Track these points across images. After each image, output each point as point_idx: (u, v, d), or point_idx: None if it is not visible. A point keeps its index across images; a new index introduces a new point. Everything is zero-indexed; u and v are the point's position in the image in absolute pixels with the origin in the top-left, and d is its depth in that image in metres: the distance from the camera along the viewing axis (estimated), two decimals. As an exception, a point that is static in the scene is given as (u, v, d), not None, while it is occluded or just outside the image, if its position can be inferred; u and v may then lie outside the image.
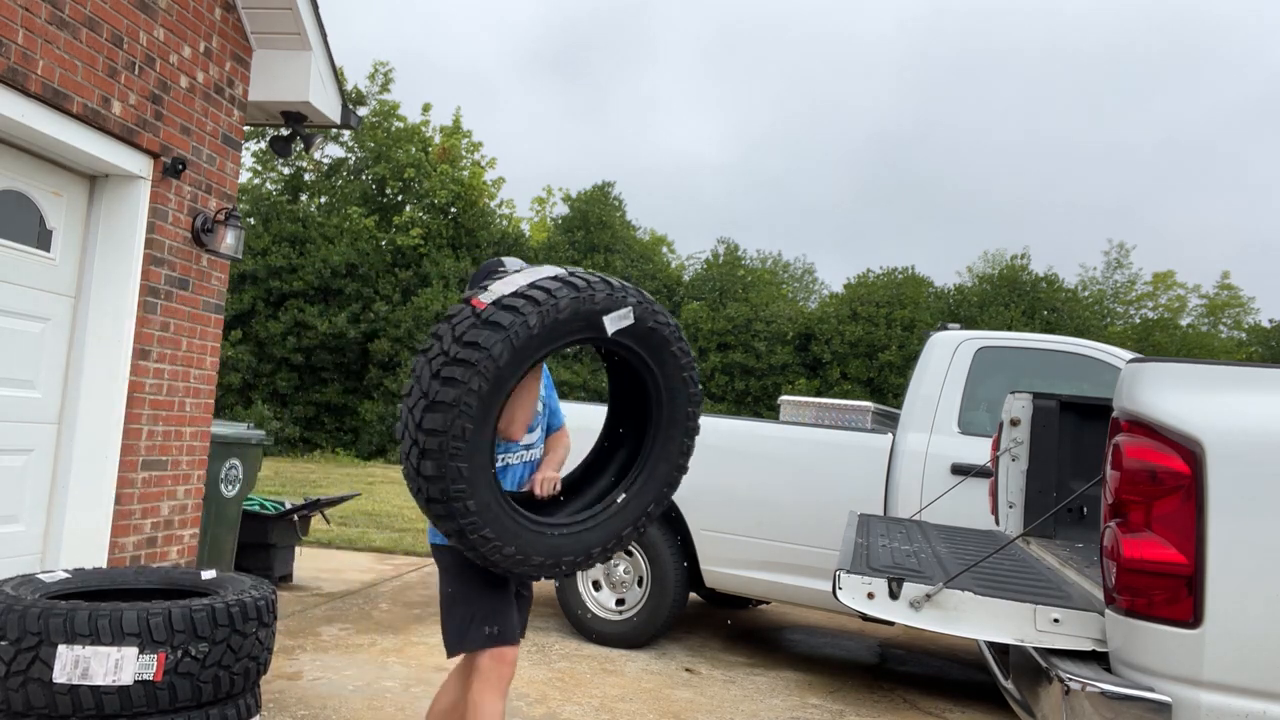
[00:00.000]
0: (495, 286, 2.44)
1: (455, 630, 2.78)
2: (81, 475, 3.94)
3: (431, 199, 21.41)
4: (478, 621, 2.75)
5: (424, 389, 2.31)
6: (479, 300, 2.41)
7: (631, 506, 2.84)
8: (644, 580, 5.47)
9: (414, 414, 2.31)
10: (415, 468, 2.34)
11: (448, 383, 2.28)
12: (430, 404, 2.28)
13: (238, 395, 19.42)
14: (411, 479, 2.39)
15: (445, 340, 2.34)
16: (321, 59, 4.93)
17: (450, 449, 2.28)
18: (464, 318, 2.36)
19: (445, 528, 2.43)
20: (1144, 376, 1.99)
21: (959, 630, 2.20)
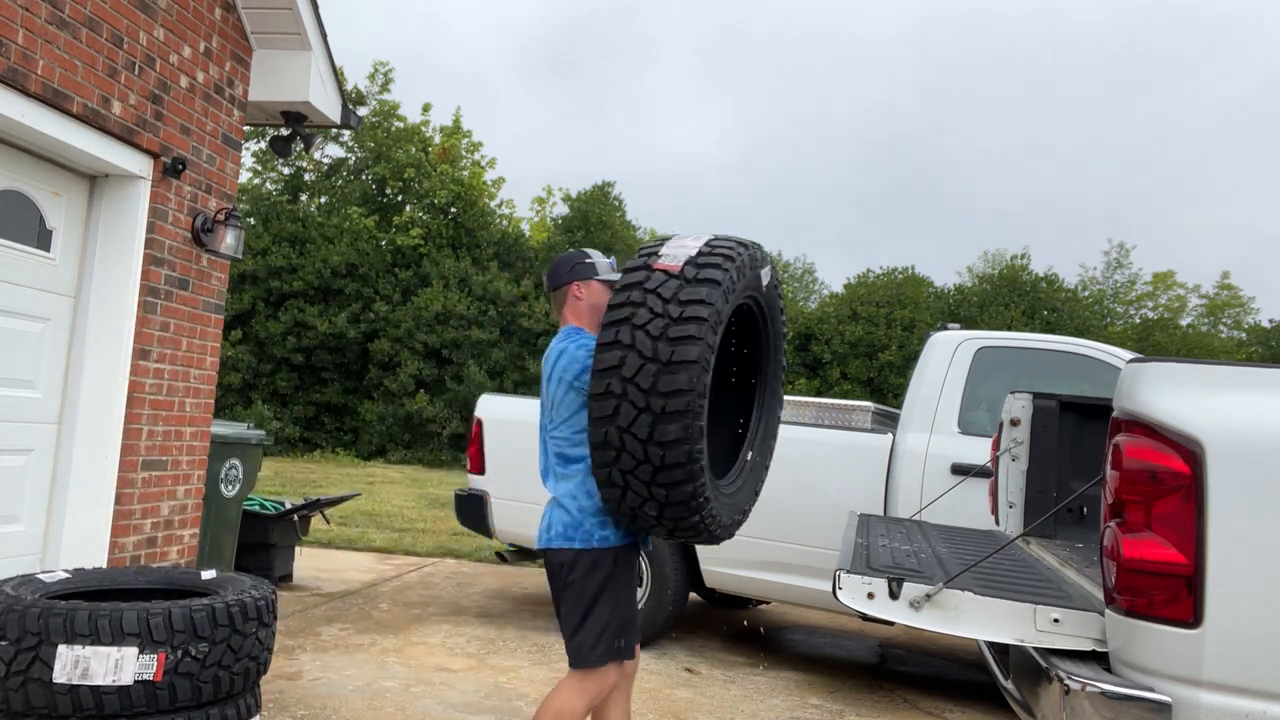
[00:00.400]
0: (671, 252, 2.45)
1: (587, 640, 2.67)
2: (81, 475, 3.94)
3: (431, 199, 21.41)
4: (609, 633, 2.68)
5: (651, 353, 2.29)
6: (666, 265, 2.40)
7: (757, 465, 2.83)
8: (644, 580, 5.47)
9: (641, 380, 2.28)
10: (649, 435, 2.30)
11: (683, 341, 2.27)
12: (666, 365, 2.27)
13: (238, 395, 19.42)
14: (636, 453, 2.33)
15: (656, 304, 2.34)
16: (321, 59, 4.93)
17: (695, 407, 2.27)
18: (665, 281, 2.36)
19: (676, 496, 2.37)
20: (1144, 376, 1.99)
21: (959, 630, 2.20)
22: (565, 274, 2.89)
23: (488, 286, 20.05)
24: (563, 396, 2.73)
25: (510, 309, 20.14)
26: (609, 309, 2.45)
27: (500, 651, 5.12)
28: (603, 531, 2.69)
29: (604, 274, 2.89)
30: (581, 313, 2.88)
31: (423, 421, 19.21)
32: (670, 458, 2.30)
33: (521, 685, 4.50)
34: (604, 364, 2.37)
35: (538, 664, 4.92)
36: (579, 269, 2.88)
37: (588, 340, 2.74)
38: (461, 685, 4.43)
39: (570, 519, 2.71)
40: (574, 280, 2.87)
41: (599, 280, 2.88)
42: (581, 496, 2.71)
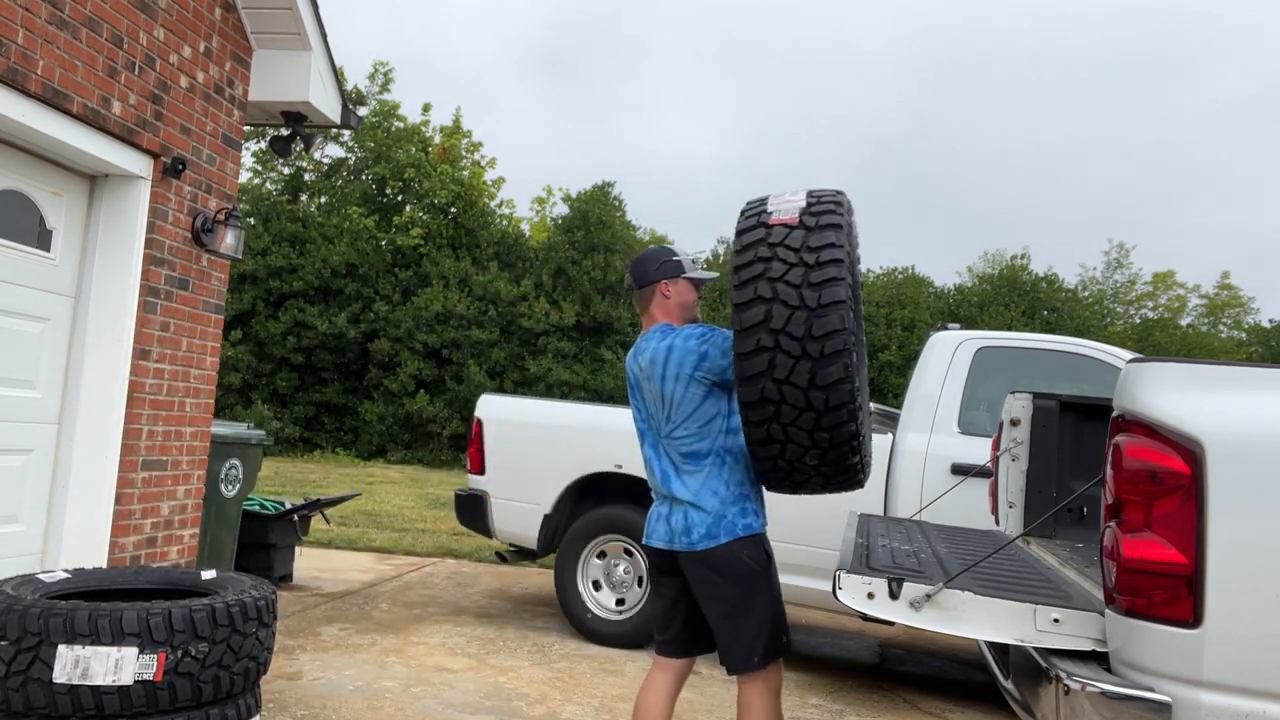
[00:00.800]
0: (779, 207, 2.49)
1: (750, 639, 2.64)
2: (81, 475, 3.94)
3: (431, 199, 21.41)
4: (777, 628, 2.65)
5: (798, 301, 2.33)
6: (782, 219, 2.44)
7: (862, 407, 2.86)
8: (644, 580, 5.47)
9: (793, 328, 2.32)
10: (809, 381, 2.33)
11: (828, 284, 2.31)
12: (816, 310, 2.31)
13: (238, 395, 19.42)
14: (797, 402, 2.36)
15: (788, 255, 2.37)
16: (321, 59, 4.93)
17: (850, 344, 2.32)
18: (789, 234, 2.40)
19: (839, 437, 2.40)
20: (1144, 377, 1.99)
21: (959, 630, 2.20)
22: (653, 272, 2.87)
23: (488, 286, 20.05)
24: (684, 392, 2.69)
25: (510, 309, 20.14)
26: (736, 270, 2.44)
27: (500, 651, 5.12)
28: (745, 520, 2.68)
29: (691, 271, 2.88)
30: (671, 310, 2.86)
31: (423, 421, 19.21)
32: (834, 399, 2.34)
33: (521, 685, 4.50)
34: (749, 321, 2.38)
35: (538, 664, 4.92)
36: (666, 266, 2.86)
37: (691, 330, 2.72)
38: (461, 685, 4.43)
39: (710, 516, 2.67)
40: (662, 278, 2.86)
41: (686, 278, 2.87)
42: (720, 488, 2.69)
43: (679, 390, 2.70)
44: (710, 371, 2.66)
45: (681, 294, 2.86)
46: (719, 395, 2.70)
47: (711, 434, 2.69)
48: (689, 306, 2.88)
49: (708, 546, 2.66)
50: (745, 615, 2.65)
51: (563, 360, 20.07)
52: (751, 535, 2.67)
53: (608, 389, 19.40)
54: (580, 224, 21.47)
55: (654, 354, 2.76)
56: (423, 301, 19.50)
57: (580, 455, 5.63)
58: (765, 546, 2.71)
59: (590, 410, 5.85)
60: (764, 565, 2.68)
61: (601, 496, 5.80)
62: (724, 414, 2.72)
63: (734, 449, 2.72)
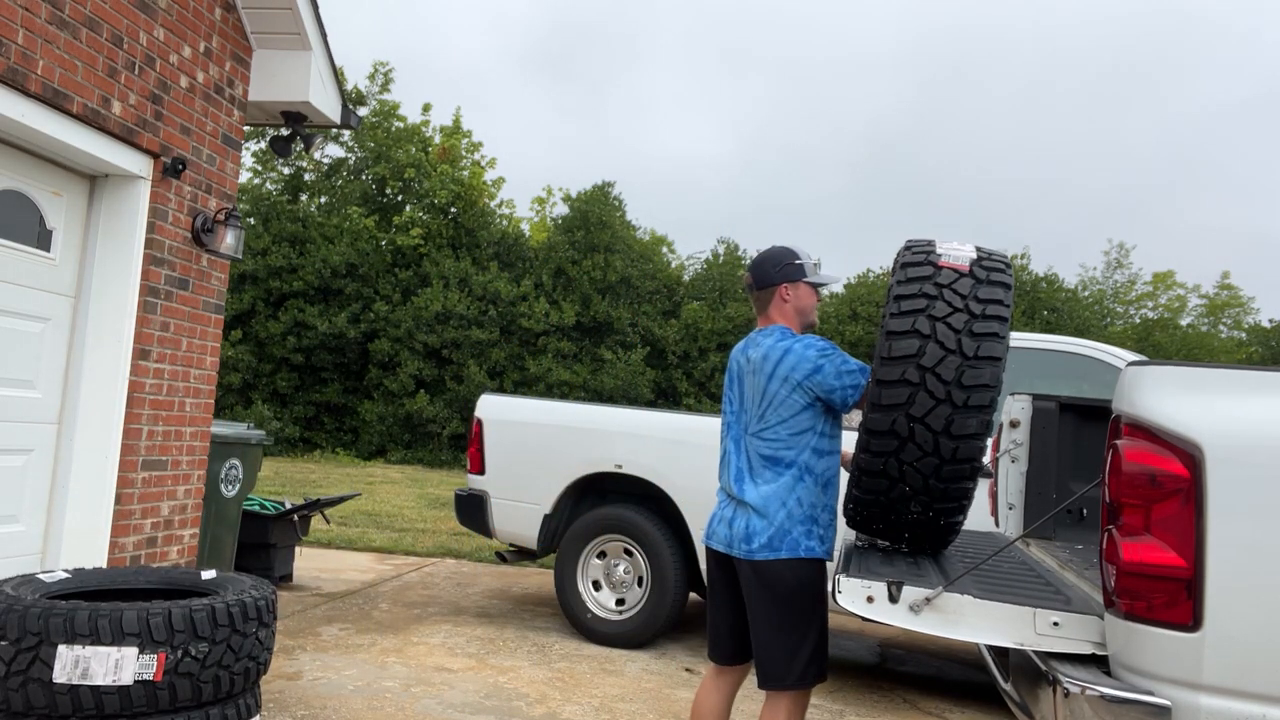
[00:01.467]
0: (950, 252, 2.50)
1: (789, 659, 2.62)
2: (81, 475, 3.94)
3: (431, 199, 21.40)
4: (820, 653, 2.64)
5: (955, 346, 2.33)
6: (953, 264, 2.45)
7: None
8: (644, 580, 5.47)
9: (943, 371, 2.33)
10: (944, 427, 2.33)
11: (989, 338, 2.33)
12: (971, 360, 2.31)
13: (238, 395, 19.42)
14: (925, 444, 2.35)
15: (955, 299, 2.38)
16: (321, 59, 4.93)
17: (993, 404, 2.32)
18: (958, 279, 2.41)
19: (954, 491, 2.40)
20: (1143, 379, 1.99)
21: (958, 634, 2.20)
22: (774, 274, 2.84)
23: (488, 286, 20.04)
24: (787, 395, 2.67)
25: (510, 309, 20.13)
26: (898, 299, 2.44)
27: (500, 651, 5.12)
28: (809, 542, 2.66)
29: (812, 276, 2.85)
30: (789, 314, 2.84)
31: (423, 421, 19.20)
32: (963, 451, 2.34)
33: (521, 685, 4.50)
34: (899, 351, 2.38)
35: (538, 664, 4.92)
36: (788, 270, 2.83)
37: (814, 341, 2.70)
38: (461, 685, 4.43)
39: (773, 527, 2.66)
40: (783, 281, 2.83)
41: (807, 283, 2.84)
42: (790, 502, 2.67)
43: (783, 392, 2.68)
44: (819, 387, 2.64)
45: (801, 298, 2.83)
46: (818, 411, 2.69)
47: (798, 446, 2.68)
48: (807, 311, 2.85)
49: (766, 558, 2.65)
50: (789, 633, 2.63)
51: (563, 360, 20.06)
52: (813, 559, 2.65)
53: (608, 389, 19.40)
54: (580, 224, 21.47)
55: (769, 350, 2.74)
56: (423, 301, 19.50)
57: (580, 455, 5.63)
58: (825, 572, 2.68)
59: (590, 410, 5.85)
60: (819, 590, 2.65)
61: (601, 496, 5.80)
62: (817, 431, 2.69)
63: (816, 469, 2.69)
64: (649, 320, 20.97)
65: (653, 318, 21.10)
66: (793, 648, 2.63)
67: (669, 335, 20.75)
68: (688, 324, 20.90)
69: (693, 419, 5.55)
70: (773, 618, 2.65)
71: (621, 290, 21.09)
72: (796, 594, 2.62)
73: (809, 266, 2.85)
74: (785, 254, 2.86)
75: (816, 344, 2.69)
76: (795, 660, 2.62)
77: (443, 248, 20.97)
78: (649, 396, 19.89)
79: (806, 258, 2.86)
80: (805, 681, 2.63)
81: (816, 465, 2.70)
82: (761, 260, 2.89)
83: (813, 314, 2.88)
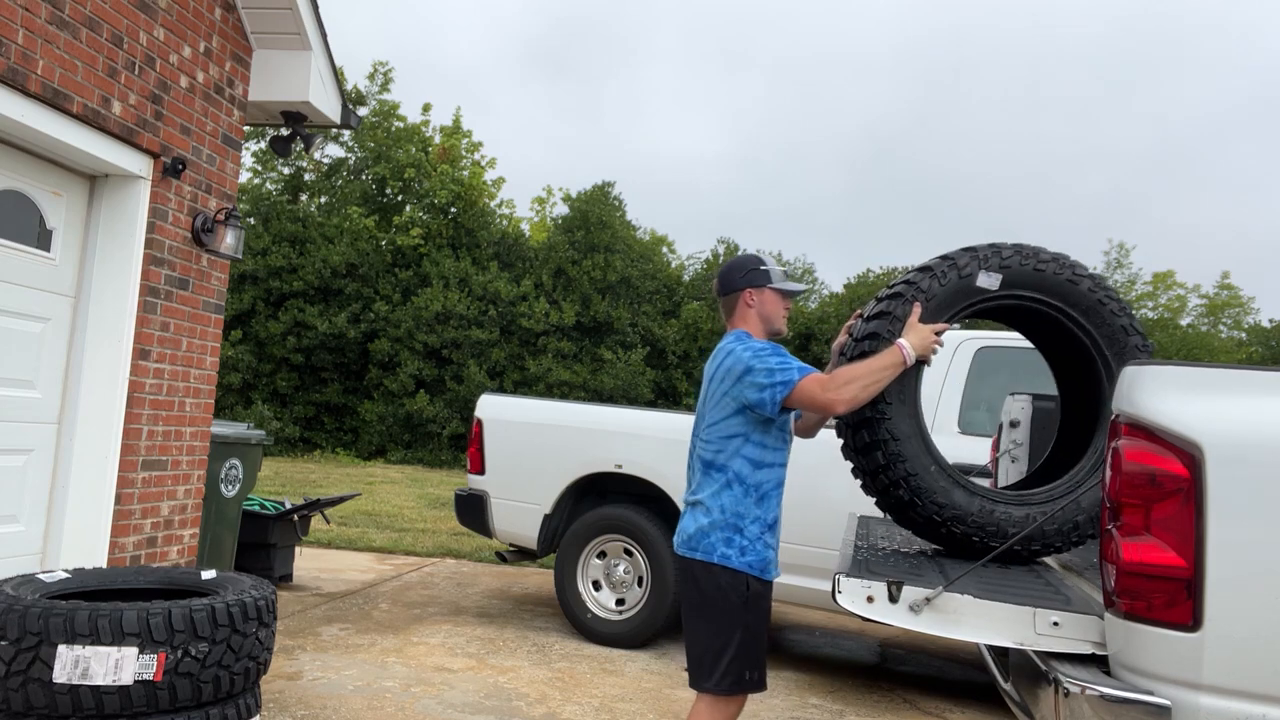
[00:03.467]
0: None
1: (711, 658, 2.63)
2: (81, 475, 3.94)
3: (431, 199, 21.40)
4: (744, 663, 2.63)
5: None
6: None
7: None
8: (644, 580, 5.47)
9: None
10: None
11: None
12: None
13: (238, 395, 19.42)
14: None
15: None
16: (321, 59, 4.93)
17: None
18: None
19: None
20: (1143, 380, 1.99)
21: (958, 634, 2.20)
22: (738, 280, 2.85)
23: (488, 286, 20.04)
24: (720, 398, 2.69)
25: (510, 309, 20.13)
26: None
27: (500, 651, 5.12)
28: (725, 549, 2.65)
29: (778, 282, 2.85)
30: (752, 320, 2.84)
31: (423, 421, 19.20)
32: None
33: (521, 685, 4.50)
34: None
35: (538, 664, 4.92)
36: (753, 275, 2.84)
37: (758, 345, 2.69)
38: (461, 685, 4.43)
39: (697, 528, 2.70)
40: (746, 287, 2.83)
41: (772, 289, 2.84)
42: (715, 509, 2.68)
43: (717, 394, 2.71)
44: (746, 387, 2.63)
45: (765, 304, 2.83)
46: (747, 418, 2.67)
47: (729, 450, 2.68)
48: (772, 318, 2.85)
49: (684, 554, 2.72)
50: (705, 634, 2.65)
51: (563, 360, 20.06)
52: (727, 567, 2.64)
53: (608, 389, 19.40)
54: (580, 224, 21.46)
55: (717, 351, 2.78)
56: (423, 301, 19.49)
57: (580, 455, 5.63)
58: (749, 585, 2.64)
59: (590, 410, 5.85)
60: (739, 600, 2.63)
61: (601, 496, 5.80)
62: (748, 439, 2.68)
63: (747, 479, 2.68)
64: (649, 320, 20.97)
65: (653, 318, 21.10)
66: (707, 649, 2.64)
67: (669, 335, 20.75)
68: (688, 324, 20.90)
69: (693, 419, 5.55)
70: (691, 615, 2.69)
71: (621, 290, 21.09)
72: (712, 598, 2.64)
73: (775, 273, 2.85)
74: (750, 260, 2.88)
75: (756, 346, 2.67)
76: (717, 661, 2.62)
77: (443, 248, 20.97)
78: (649, 396, 19.90)
79: (772, 265, 2.87)
80: (721, 687, 2.61)
81: (749, 475, 2.68)
82: (727, 267, 2.91)
83: (779, 321, 2.87)
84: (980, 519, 2.66)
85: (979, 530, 2.66)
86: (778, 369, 2.59)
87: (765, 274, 2.84)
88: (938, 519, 2.67)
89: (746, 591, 2.63)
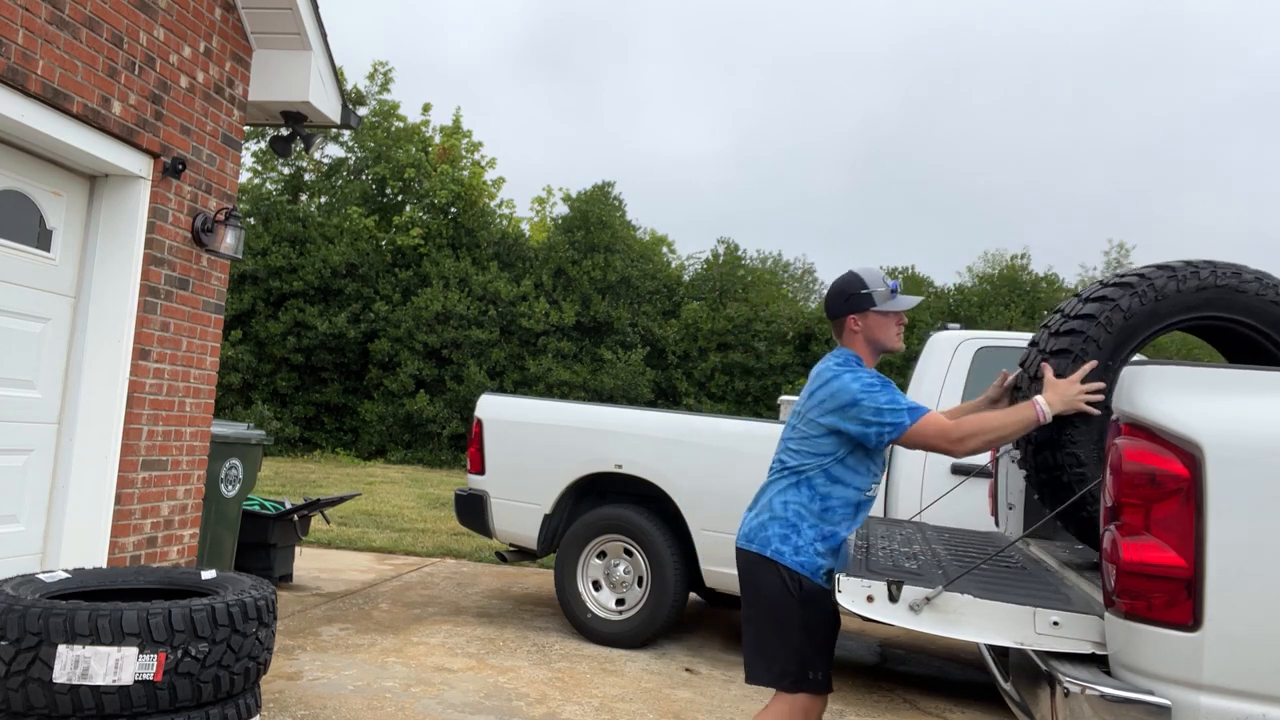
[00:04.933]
0: None
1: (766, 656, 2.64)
2: (81, 475, 3.94)
3: (431, 199, 21.40)
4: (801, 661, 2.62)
5: None
6: None
7: None
8: (644, 580, 5.47)
9: None
10: None
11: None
12: None
13: (238, 395, 19.41)
14: None
15: None
16: (321, 59, 4.93)
17: None
18: None
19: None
20: (1143, 379, 1.99)
21: (958, 634, 2.20)
22: (841, 306, 2.81)
23: (488, 286, 20.04)
24: (817, 417, 2.68)
25: (510, 309, 20.13)
26: None
27: (500, 651, 5.12)
28: (779, 545, 2.66)
29: (882, 304, 2.77)
30: (859, 343, 2.80)
31: (423, 421, 19.20)
32: None
33: (521, 685, 4.50)
34: None
35: (538, 664, 4.92)
36: (855, 300, 2.78)
37: (865, 375, 2.65)
38: (461, 685, 4.43)
39: (758, 522, 2.72)
40: (849, 313, 2.79)
41: (876, 311, 2.78)
42: (777, 504, 2.70)
43: (814, 412, 2.70)
44: (851, 420, 2.60)
45: (871, 328, 2.78)
46: (841, 441, 2.66)
47: (813, 462, 2.68)
48: (880, 340, 2.80)
49: (742, 546, 2.73)
50: (760, 629, 2.66)
51: (563, 360, 20.05)
52: (779, 563, 2.64)
53: (608, 389, 19.40)
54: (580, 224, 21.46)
55: (822, 369, 2.74)
56: (423, 301, 19.49)
57: (580, 455, 5.63)
58: (801, 584, 2.63)
59: (590, 410, 5.85)
60: (796, 596, 2.63)
61: (602, 496, 5.80)
62: (836, 459, 2.68)
63: (819, 487, 2.68)
64: (649, 320, 20.96)
65: (653, 318, 21.10)
66: (762, 645, 2.65)
67: (669, 335, 20.75)
68: (688, 324, 20.89)
69: (693, 419, 5.55)
70: (747, 610, 2.71)
71: (621, 290, 21.08)
72: (767, 593, 2.65)
73: (877, 294, 2.77)
74: (852, 283, 2.80)
75: (865, 379, 2.63)
76: (766, 658, 2.64)
77: (443, 248, 20.96)
78: (649, 396, 19.89)
79: (876, 284, 2.78)
80: (782, 684, 2.62)
81: (821, 485, 2.68)
82: (831, 291, 2.86)
83: (891, 341, 2.80)
84: None
85: None
86: (887, 408, 2.56)
87: (868, 297, 2.77)
88: None
89: (800, 589, 2.63)
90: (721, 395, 20.39)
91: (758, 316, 20.70)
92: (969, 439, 2.52)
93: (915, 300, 2.85)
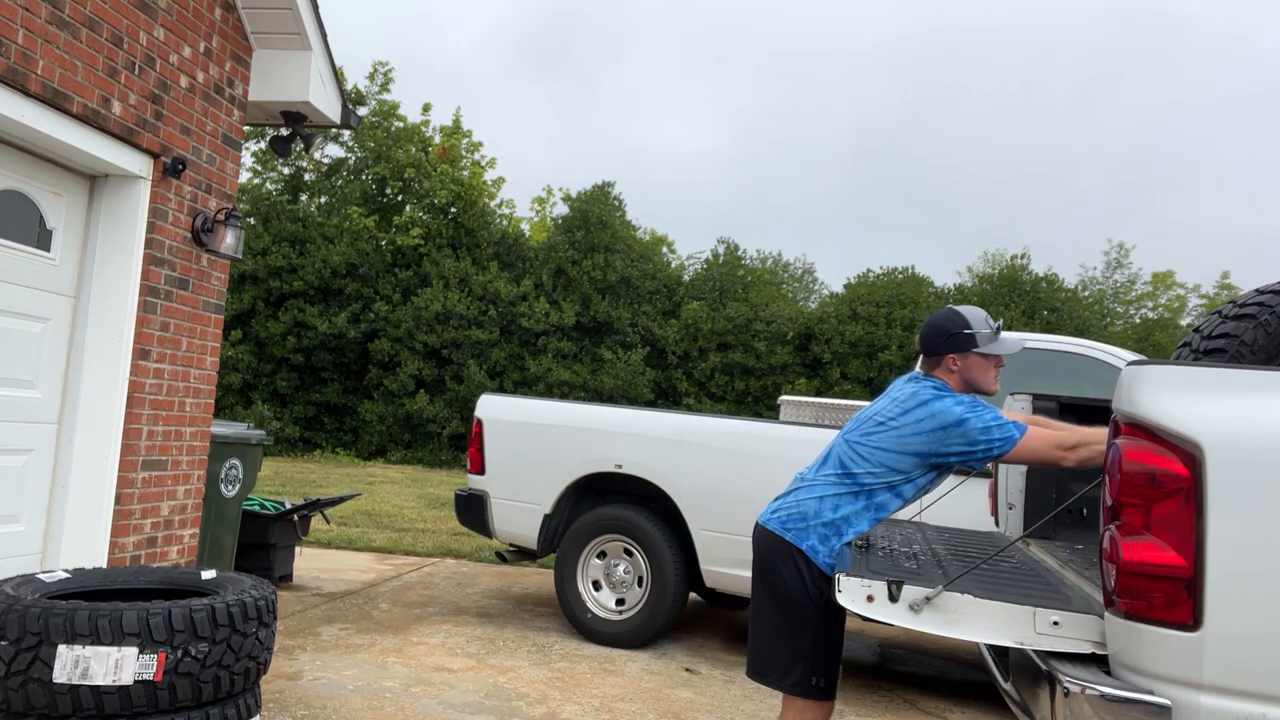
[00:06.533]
0: None
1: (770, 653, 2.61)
2: (81, 475, 3.94)
3: (431, 199, 21.40)
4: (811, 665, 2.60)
5: None
6: None
7: None
8: (644, 580, 5.47)
9: None
10: None
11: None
12: None
13: (238, 395, 19.41)
14: None
15: None
16: (321, 59, 4.93)
17: None
18: None
19: None
20: (1143, 379, 1.98)
21: (958, 633, 2.19)
22: (941, 344, 2.74)
23: (488, 286, 20.04)
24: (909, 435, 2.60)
25: (510, 309, 20.13)
26: None
27: (500, 651, 5.12)
28: (813, 542, 2.62)
29: (984, 346, 2.71)
30: (955, 382, 2.75)
31: (423, 421, 19.20)
32: None
33: (521, 685, 4.50)
34: None
35: (538, 664, 4.92)
36: (955, 340, 2.71)
37: (964, 398, 2.60)
38: (461, 685, 4.43)
39: (796, 511, 2.65)
40: (949, 353, 2.73)
41: (977, 353, 2.72)
42: (826, 507, 2.64)
43: (907, 430, 2.61)
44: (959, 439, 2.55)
45: (970, 368, 2.73)
46: (921, 464, 2.62)
47: (877, 476, 2.63)
48: (977, 382, 2.75)
49: (773, 529, 2.66)
50: (780, 629, 2.60)
51: (563, 360, 20.05)
52: (810, 560, 2.60)
53: (608, 389, 19.40)
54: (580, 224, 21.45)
55: (920, 389, 2.67)
56: (423, 301, 19.49)
57: (580, 455, 5.63)
58: (827, 588, 2.60)
59: (590, 410, 5.85)
60: (818, 598, 2.60)
61: (601, 496, 5.80)
62: (909, 478, 2.64)
63: (878, 499, 2.64)
64: (649, 320, 20.96)
65: (653, 318, 21.10)
66: (772, 643, 2.61)
67: (669, 335, 20.75)
68: (688, 324, 20.89)
69: (693, 419, 5.55)
70: (763, 605, 2.65)
71: (621, 290, 21.08)
72: (790, 590, 2.60)
73: (980, 336, 2.71)
74: (955, 322, 2.74)
75: (966, 399, 2.60)
76: (772, 656, 2.60)
77: (443, 248, 20.96)
78: (649, 396, 19.89)
79: (979, 325, 2.72)
80: (784, 685, 2.59)
81: (881, 498, 2.64)
82: (930, 328, 2.79)
83: (988, 384, 2.76)
84: None
85: None
86: (994, 425, 2.53)
87: (970, 339, 2.71)
88: None
89: (822, 593, 2.60)
90: (721, 395, 20.38)
91: (758, 316, 20.69)
92: (1080, 448, 2.48)
93: (1019, 344, 2.77)
